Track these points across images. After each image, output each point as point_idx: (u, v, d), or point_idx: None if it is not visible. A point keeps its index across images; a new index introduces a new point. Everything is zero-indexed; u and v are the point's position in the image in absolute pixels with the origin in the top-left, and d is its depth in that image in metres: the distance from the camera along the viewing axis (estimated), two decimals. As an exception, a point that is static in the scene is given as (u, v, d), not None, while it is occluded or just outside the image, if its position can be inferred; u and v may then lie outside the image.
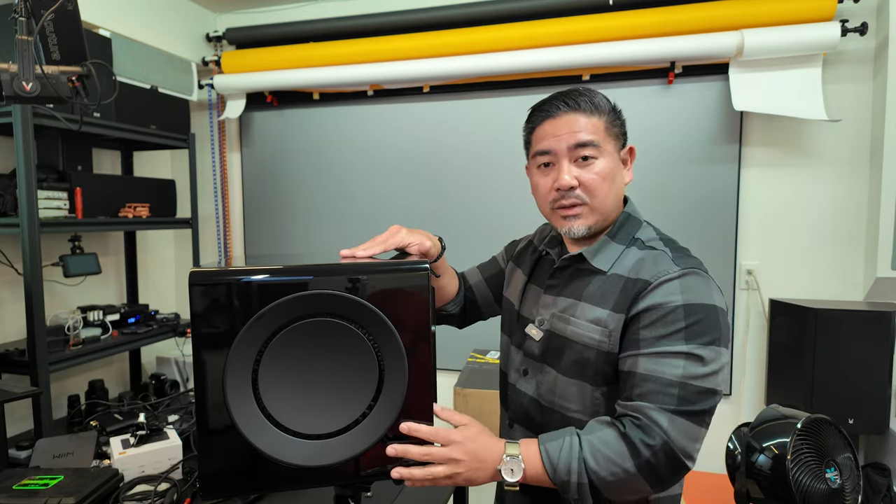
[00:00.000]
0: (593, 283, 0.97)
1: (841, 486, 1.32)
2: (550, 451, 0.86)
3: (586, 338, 0.94)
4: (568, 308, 0.98)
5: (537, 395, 1.02)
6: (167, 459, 1.24)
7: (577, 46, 2.32)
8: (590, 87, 1.00)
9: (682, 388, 0.84)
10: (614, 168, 0.96)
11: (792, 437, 1.34)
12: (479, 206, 2.64)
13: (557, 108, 0.97)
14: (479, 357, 2.47)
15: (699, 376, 0.85)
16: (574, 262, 1.01)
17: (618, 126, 0.99)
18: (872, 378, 1.90)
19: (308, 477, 0.80)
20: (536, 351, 1.02)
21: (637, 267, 0.94)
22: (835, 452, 1.37)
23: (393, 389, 0.80)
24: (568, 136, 0.95)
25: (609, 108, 0.98)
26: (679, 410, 0.84)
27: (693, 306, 0.87)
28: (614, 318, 0.92)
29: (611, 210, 0.98)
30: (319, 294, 0.77)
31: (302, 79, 2.65)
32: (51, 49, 1.19)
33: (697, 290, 0.89)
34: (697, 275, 0.90)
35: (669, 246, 0.96)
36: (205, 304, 0.75)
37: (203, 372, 0.76)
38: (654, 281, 0.90)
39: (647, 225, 1.03)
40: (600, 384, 0.94)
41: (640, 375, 0.87)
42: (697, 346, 0.86)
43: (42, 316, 1.83)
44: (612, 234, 1.00)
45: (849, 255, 2.25)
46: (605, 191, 0.95)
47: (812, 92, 2.14)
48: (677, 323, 0.86)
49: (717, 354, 0.87)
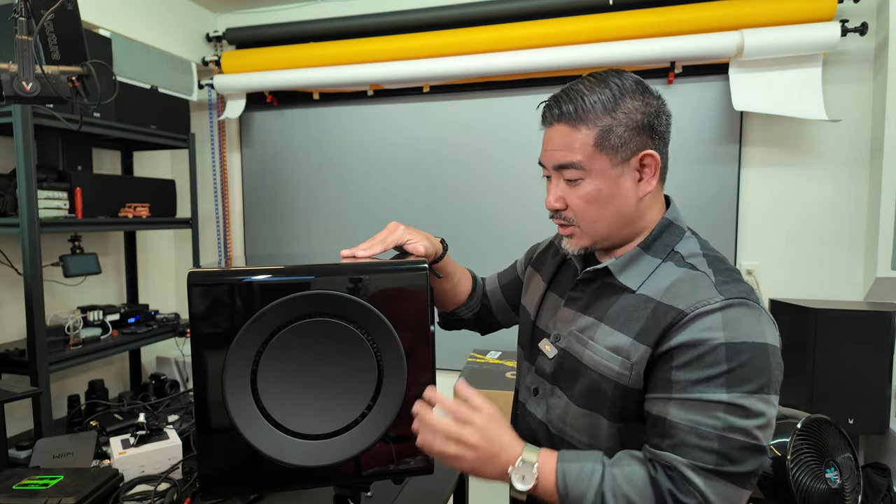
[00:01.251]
0: (618, 303, 0.85)
1: (841, 486, 1.32)
2: (568, 472, 0.77)
3: (603, 367, 0.83)
4: (587, 328, 0.87)
5: (546, 420, 0.93)
6: (167, 459, 1.24)
7: (577, 46, 2.32)
8: (605, 76, 0.83)
9: (721, 442, 0.72)
10: (608, 188, 0.83)
11: (792, 437, 1.34)
12: (478, 206, 2.64)
13: (545, 117, 0.87)
14: (479, 357, 2.47)
15: (742, 430, 0.72)
16: (600, 275, 0.90)
17: (625, 130, 0.82)
18: (872, 378, 1.89)
19: (307, 477, 0.80)
20: (548, 370, 0.93)
21: (672, 290, 0.80)
22: (835, 452, 1.37)
23: (392, 390, 0.80)
24: (550, 155, 0.86)
25: (611, 107, 0.81)
26: (718, 471, 0.72)
27: (737, 346, 0.73)
28: (638, 350, 0.79)
29: (611, 232, 0.86)
30: (318, 294, 0.77)
31: (302, 79, 2.65)
32: (51, 49, 1.19)
33: (744, 325, 0.75)
34: (745, 306, 0.76)
35: (713, 266, 0.82)
36: (204, 305, 0.75)
37: (202, 372, 0.76)
38: (691, 312, 0.76)
39: (690, 235, 0.89)
40: (617, 419, 0.83)
41: (671, 424, 0.75)
42: (742, 394, 0.73)
43: (42, 316, 1.83)
44: (645, 244, 0.87)
45: (849, 255, 2.25)
46: (595, 215, 0.84)
47: (812, 92, 2.14)
48: (717, 366, 0.73)
49: (764, 405, 0.73)
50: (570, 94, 0.84)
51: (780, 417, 1.43)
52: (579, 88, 0.84)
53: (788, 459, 1.31)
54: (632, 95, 0.82)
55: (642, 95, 0.83)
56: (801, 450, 1.34)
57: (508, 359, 2.42)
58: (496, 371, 2.27)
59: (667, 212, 0.90)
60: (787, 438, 1.34)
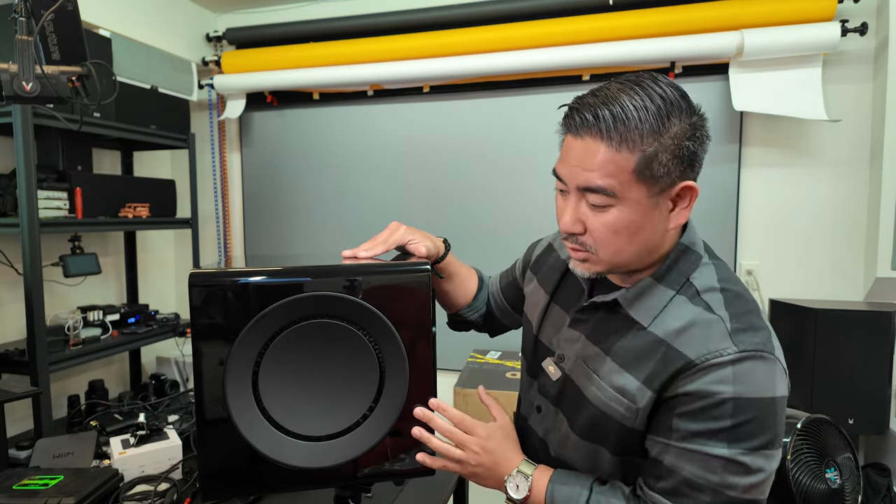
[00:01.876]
0: (627, 338, 0.79)
1: (841, 486, 1.32)
2: (557, 494, 0.79)
3: (608, 407, 0.79)
4: (593, 359, 0.82)
5: (546, 440, 0.92)
6: (167, 459, 1.24)
7: (577, 46, 2.32)
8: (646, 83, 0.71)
9: (714, 496, 0.70)
10: (640, 218, 0.73)
11: (792, 437, 1.34)
12: (479, 206, 2.63)
13: (573, 123, 0.73)
14: (479, 357, 2.47)
15: (739, 487, 0.70)
16: (608, 303, 0.83)
17: (670, 158, 0.70)
18: (872, 378, 1.89)
19: (309, 478, 0.80)
20: (551, 391, 0.90)
21: (684, 334, 0.74)
22: (835, 452, 1.37)
23: (394, 391, 0.80)
24: (577, 172, 0.73)
25: (657, 128, 0.69)
26: None
27: (745, 402, 0.70)
28: (645, 395, 0.75)
29: (632, 262, 0.78)
30: (320, 296, 0.77)
31: (302, 79, 2.65)
32: (51, 49, 1.19)
33: (755, 380, 0.70)
34: (760, 359, 0.71)
35: (730, 307, 0.75)
36: (205, 306, 0.75)
37: (203, 374, 0.76)
38: (702, 363, 0.71)
39: (707, 262, 0.81)
40: (621, 453, 0.81)
41: (667, 469, 0.73)
42: (743, 451, 0.70)
43: (42, 316, 1.83)
44: (658, 274, 0.79)
45: (849, 255, 2.25)
46: (619, 246, 0.75)
47: (812, 92, 2.14)
48: (722, 420, 0.70)
49: (765, 461, 0.71)
50: (608, 103, 0.70)
51: (780, 417, 1.43)
52: (619, 98, 0.70)
53: (788, 459, 1.31)
54: (679, 114, 0.71)
55: (689, 114, 0.73)
56: (801, 450, 1.34)
57: (508, 359, 2.42)
58: (496, 371, 2.27)
59: (683, 235, 0.81)
60: (787, 438, 1.34)
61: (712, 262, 0.82)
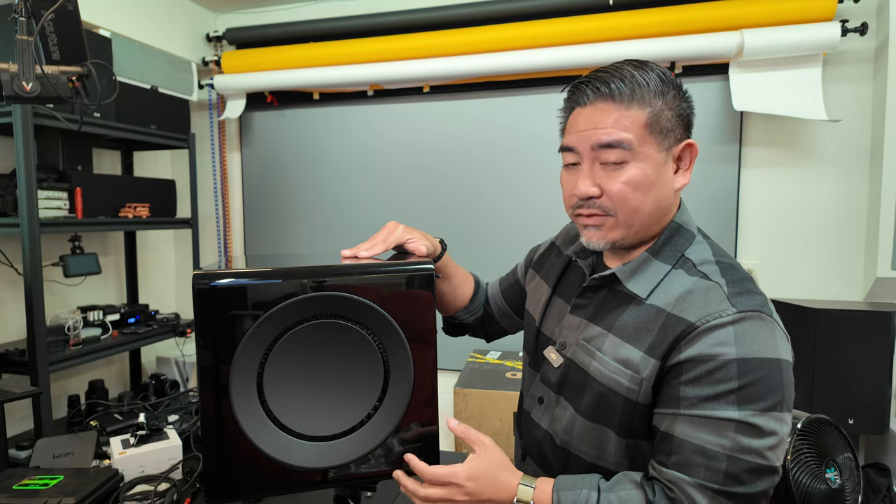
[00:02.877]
0: (628, 313, 0.81)
1: (841, 486, 1.32)
2: (563, 500, 0.75)
3: (611, 381, 0.79)
4: (595, 339, 0.83)
5: (552, 431, 0.89)
6: (167, 459, 1.24)
7: (577, 46, 2.32)
8: (644, 63, 0.80)
9: (730, 462, 0.69)
10: (653, 174, 0.77)
11: (792, 437, 1.34)
12: (478, 206, 2.63)
13: (586, 95, 0.79)
14: (479, 357, 2.47)
15: (753, 450, 0.69)
16: (607, 281, 0.85)
17: (673, 116, 0.78)
18: (872, 378, 1.89)
19: (314, 478, 0.80)
20: (553, 379, 0.89)
21: (682, 301, 0.76)
22: (835, 452, 1.37)
23: (398, 390, 0.80)
24: (591, 134, 0.78)
25: (660, 90, 0.77)
26: (725, 491, 0.69)
27: (750, 361, 0.70)
28: (648, 364, 0.76)
29: (646, 224, 0.80)
30: (324, 296, 0.77)
31: (302, 79, 2.65)
32: (51, 49, 1.19)
33: (757, 339, 0.71)
34: (759, 319, 0.72)
35: (726, 275, 0.77)
36: (209, 307, 0.75)
37: (208, 375, 0.75)
38: (702, 325, 0.72)
39: (701, 240, 0.84)
40: (627, 435, 0.80)
41: (679, 441, 0.72)
42: (753, 412, 0.69)
43: (42, 316, 1.83)
44: (654, 249, 0.82)
45: (849, 255, 2.25)
46: (637, 203, 0.78)
47: (812, 92, 2.14)
48: (728, 382, 0.70)
49: (777, 423, 0.70)
50: (616, 73, 0.78)
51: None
52: (625, 69, 0.79)
53: (788, 459, 1.31)
54: (674, 86, 0.80)
55: (682, 89, 0.81)
56: (801, 450, 1.34)
57: (508, 359, 2.43)
58: (496, 371, 2.27)
59: (676, 214, 0.85)
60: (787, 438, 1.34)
61: (706, 240, 0.85)
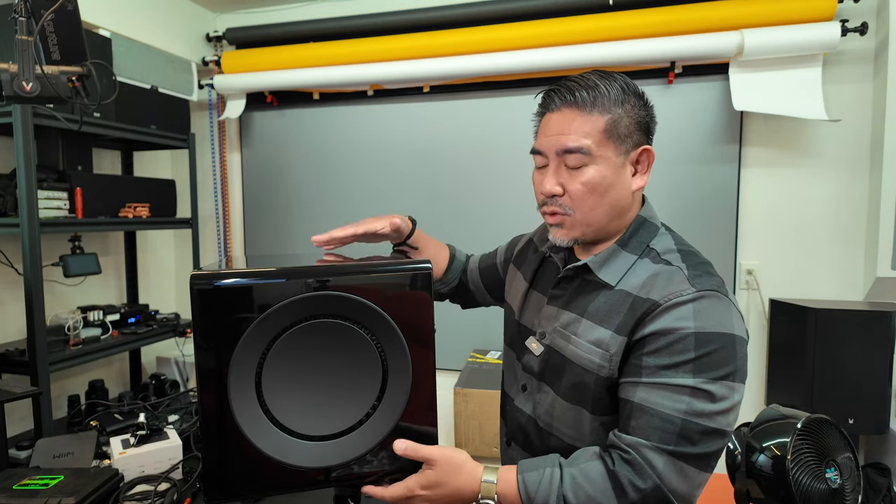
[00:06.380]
0: (599, 299, 0.88)
1: (841, 486, 1.32)
2: (528, 481, 0.79)
3: (586, 360, 0.86)
4: (570, 324, 0.90)
5: (535, 416, 0.95)
6: (167, 459, 1.24)
7: (577, 46, 2.32)
8: (609, 73, 0.87)
9: (683, 425, 0.75)
10: (611, 176, 0.85)
11: (792, 437, 1.34)
12: (478, 206, 2.64)
13: (554, 102, 0.87)
14: (479, 357, 2.47)
15: (705, 414, 0.76)
16: (580, 272, 0.92)
17: (631, 123, 0.85)
18: (872, 378, 1.89)
19: (313, 478, 0.80)
20: (535, 367, 0.95)
21: (648, 284, 0.83)
22: (835, 452, 1.37)
23: (397, 389, 0.80)
24: (556, 140, 0.86)
25: (620, 99, 0.85)
26: (678, 452, 0.75)
27: (706, 335, 0.77)
28: (616, 341, 0.83)
29: (603, 222, 0.88)
30: (323, 295, 0.77)
31: (302, 79, 2.65)
32: (51, 49, 1.19)
33: (714, 315, 0.78)
34: (716, 297, 0.80)
35: (687, 261, 0.85)
36: (207, 307, 0.75)
37: (206, 375, 0.75)
38: (665, 303, 0.79)
39: (664, 232, 0.92)
40: (600, 413, 0.86)
41: (638, 406, 0.78)
42: (707, 380, 0.76)
43: (42, 316, 1.83)
44: (622, 241, 0.90)
45: (849, 255, 2.25)
46: (592, 203, 0.86)
47: (812, 92, 2.14)
48: (686, 353, 0.77)
49: (729, 391, 0.77)
50: (581, 82, 0.86)
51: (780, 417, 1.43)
52: (590, 78, 0.86)
53: (788, 459, 1.31)
54: (635, 95, 0.87)
55: (642, 98, 0.88)
56: (801, 450, 1.33)
57: (508, 359, 2.42)
58: (496, 371, 2.27)
59: (641, 209, 0.93)
60: (787, 438, 1.34)
61: (669, 232, 0.93)
